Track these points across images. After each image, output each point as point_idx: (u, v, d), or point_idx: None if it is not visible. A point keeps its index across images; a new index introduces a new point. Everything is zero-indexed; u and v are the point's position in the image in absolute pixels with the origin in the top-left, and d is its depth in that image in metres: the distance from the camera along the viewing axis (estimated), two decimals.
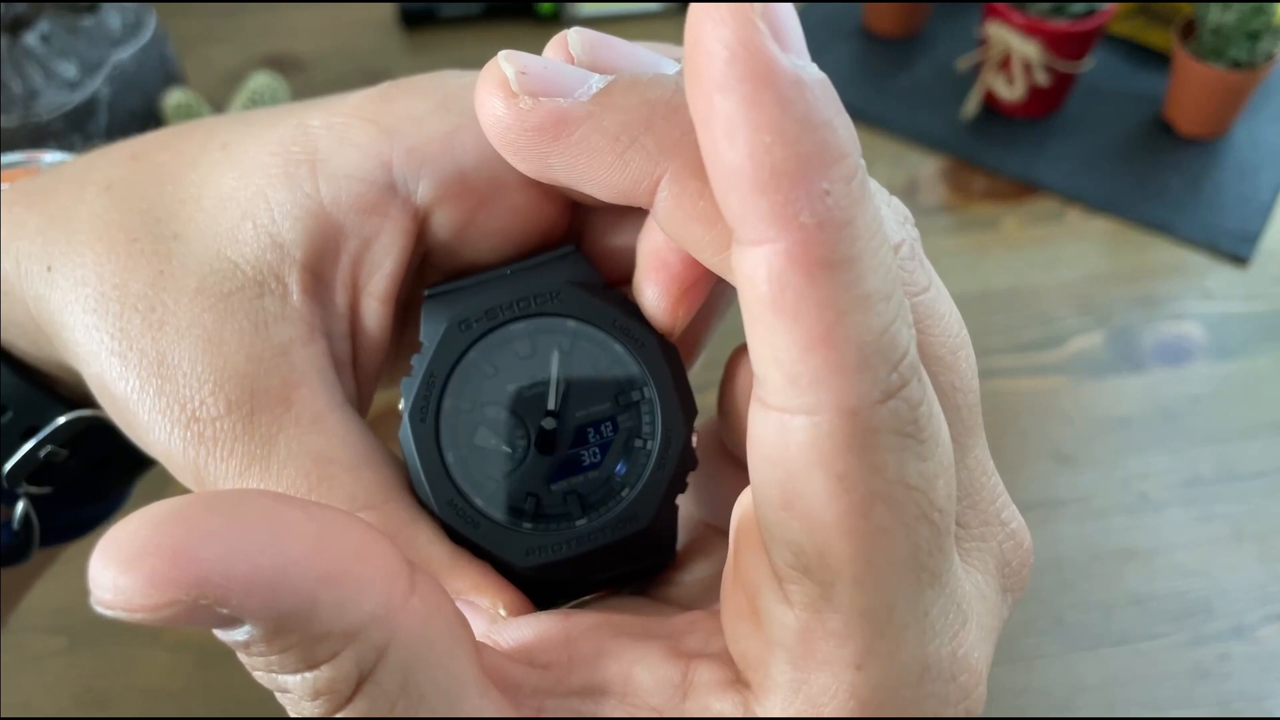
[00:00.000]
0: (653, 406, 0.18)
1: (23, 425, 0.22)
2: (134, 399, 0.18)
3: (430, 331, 0.18)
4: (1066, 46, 0.64)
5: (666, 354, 0.17)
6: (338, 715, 0.14)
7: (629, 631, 0.16)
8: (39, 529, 0.24)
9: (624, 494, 0.17)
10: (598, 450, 0.17)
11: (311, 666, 0.13)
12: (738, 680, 0.15)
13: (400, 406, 0.17)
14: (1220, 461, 0.51)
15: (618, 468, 0.18)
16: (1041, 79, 0.64)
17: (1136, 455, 0.52)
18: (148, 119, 0.58)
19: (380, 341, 0.19)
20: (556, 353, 0.18)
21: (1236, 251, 0.60)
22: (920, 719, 0.14)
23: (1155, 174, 0.65)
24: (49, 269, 0.19)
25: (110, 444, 0.23)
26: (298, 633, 0.13)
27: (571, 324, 0.17)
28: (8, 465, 0.22)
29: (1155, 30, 0.72)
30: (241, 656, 0.14)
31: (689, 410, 0.18)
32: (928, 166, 0.67)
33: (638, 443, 0.18)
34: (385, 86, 0.19)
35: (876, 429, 0.13)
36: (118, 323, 0.18)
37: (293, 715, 0.14)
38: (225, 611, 0.12)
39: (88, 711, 0.45)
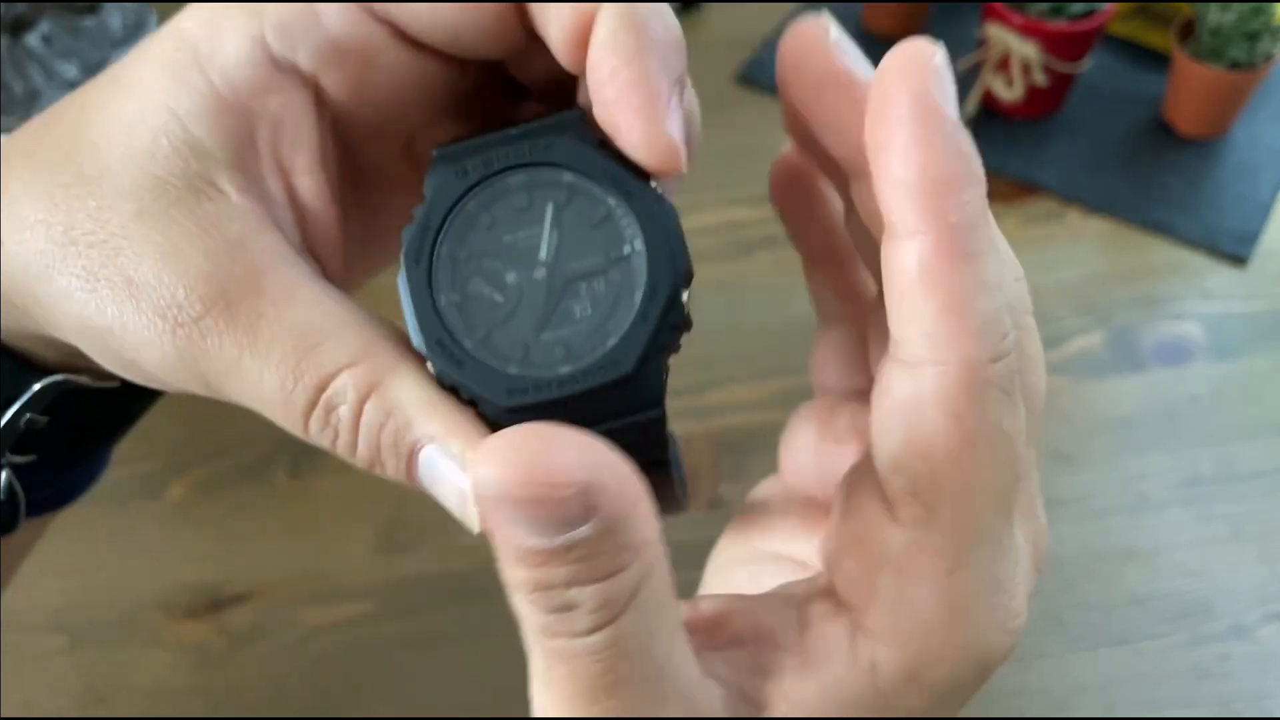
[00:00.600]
0: (641, 259, 0.18)
1: (0, 397, 0.22)
2: (118, 325, 0.18)
3: (430, 182, 0.18)
4: (1065, 47, 0.64)
5: (660, 209, 0.18)
6: (606, 628, 0.16)
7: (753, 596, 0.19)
8: (24, 499, 0.24)
9: (608, 343, 0.18)
10: (588, 303, 0.18)
11: (610, 574, 0.15)
12: (841, 607, 0.18)
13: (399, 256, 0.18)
14: (1220, 461, 0.51)
15: (607, 320, 0.18)
16: (1040, 79, 0.64)
17: (1136, 455, 0.52)
18: None
19: (328, 215, 0.20)
20: (551, 206, 0.18)
21: (1236, 251, 0.60)
22: (988, 626, 0.17)
23: (1155, 174, 0.65)
24: (2, 248, 0.19)
25: (88, 408, 0.24)
26: (618, 536, 0.15)
27: (567, 176, 0.18)
28: None
29: (1154, 31, 0.72)
30: (535, 573, 0.16)
31: (678, 265, 0.18)
32: None
33: (626, 295, 0.18)
34: None
35: (988, 381, 0.16)
36: (80, 263, 0.19)
37: (563, 633, 0.16)
38: (587, 507, 0.15)
39: (88, 711, 0.45)
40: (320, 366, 0.18)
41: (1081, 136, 0.67)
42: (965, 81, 0.70)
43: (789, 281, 0.61)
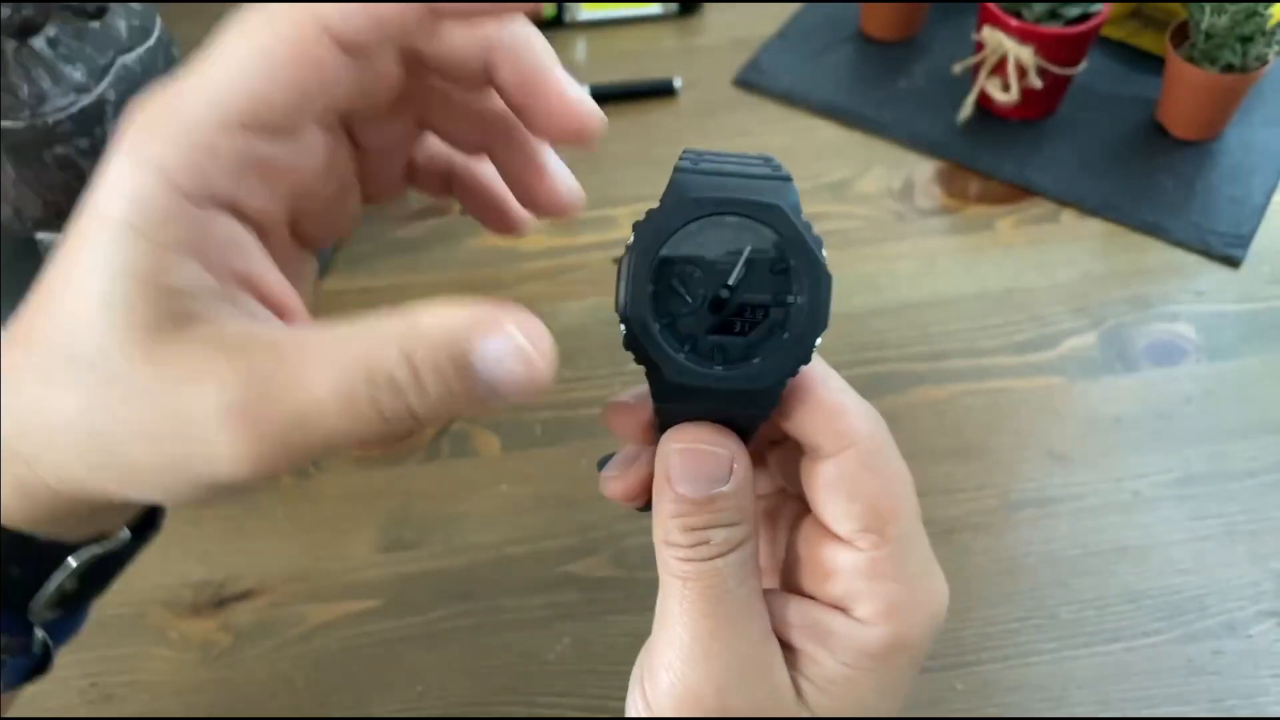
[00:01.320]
0: (800, 310, 0.23)
1: (36, 573, 0.25)
2: (198, 440, 0.20)
3: (672, 196, 0.23)
4: (1061, 50, 0.64)
5: (822, 280, 0.24)
6: (722, 558, 0.24)
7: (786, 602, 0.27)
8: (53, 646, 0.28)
9: (755, 361, 0.24)
10: (749, 325, 0.24)
11: (732, 524, 0.24)
12: (833, 609, 0.25)
13: (628, 241, 0.23)
14: (1213, 460, 0.52)
15: (760, 343, 0.24)
16: (1036, 82, 0.65)
17: (1130, 454, 0.52)
18: None
19: (284, 286, 0.23)
20: (750, 248, 0.23)
21: (1229, 253, 0.61)
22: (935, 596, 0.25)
23: (1149, 176, 0.65)
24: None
25: (106, 570, 0.27)
26: (740, 498, 0.24)
27: (768, 233, 0.23)
28: (36, 603, 0.26)
29: (1149, 34, 0.73)
30: (687, 520, 0.24)
31: (821, 322, 0.24)
32: (924, 169, 0.67)
33: (779, 330, 0.24)
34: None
35: (882, 443, 0.25)
36: (118, 414, 0.20)
37: (696, 558, 0.24)
38: (729, 469, 0.24)
39: (93, 708, 0.45)
40: (367, 357, 0.20)
41: (1077, 139, 0.68)
42: (962, 84, 0.70)
43: None
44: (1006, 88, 0.66)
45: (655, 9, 0.79)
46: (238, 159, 0.21)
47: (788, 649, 0.25)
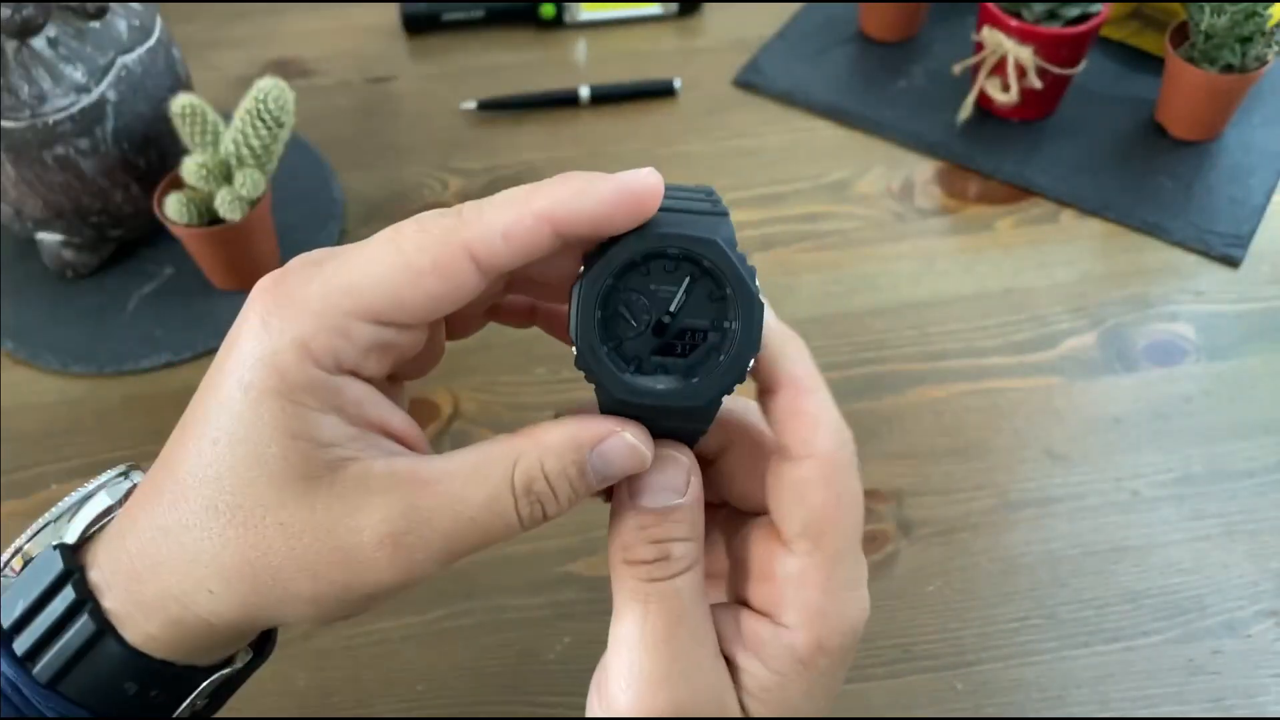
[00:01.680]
0: (735, 334, 0.25)
1: (173, 694, 0.27)
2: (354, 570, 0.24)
3: (624, 236, 0.25)
4: (1060, 51, 0.64)
5: (755, 307, 0.25)
6: (683, 575, 0.26)
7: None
8: None
9: (694, 380, 0.25)
10: (689, 347, 0.26)
11: (690, 538, 0.26)
12: (759, 614, 0.27)
13: (580, 270, 0.25)
14: (1211, 460, 0.52)
15: (699, 364, 0.26)
16: (1036, 83, 0.65)
17: (1129, 454, 0.52)
18: (156, 123, 0.58)
19: (407, 421, 0.26)
20: (689, 278, 0.25)
21: (1228, 253, 0.61)
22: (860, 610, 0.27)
23: (1148, 177, 0.65)
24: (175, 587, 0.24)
25: (229, 687, 0.29)
26: (696, 511, 0.26)
27: (707, 263, 0.25)
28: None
29: (1148, 35, 0.73)
30: (649, 532, 0.26)
31: (754, 345, 0.25)
32: (923, 169, 0.67)
33: (717, 353, 0.26)
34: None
35: (843, 462, 0.26)
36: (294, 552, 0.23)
37: (660, 576, 0.26)
38: (686, 480, 0.26)
39: None
40: (510, 475, 0.24)
41: (1076, 139, 0.68)
42: (961, 84, 0.70)
43: (786, 282, 0.62)
44: (1006, 88, 0.66)
45: (655, 9, 0.79)
46: (367, 342, 0.24)
47: (729, 663, 0.27)
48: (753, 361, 0.26)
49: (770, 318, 0.25)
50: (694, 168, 0.67)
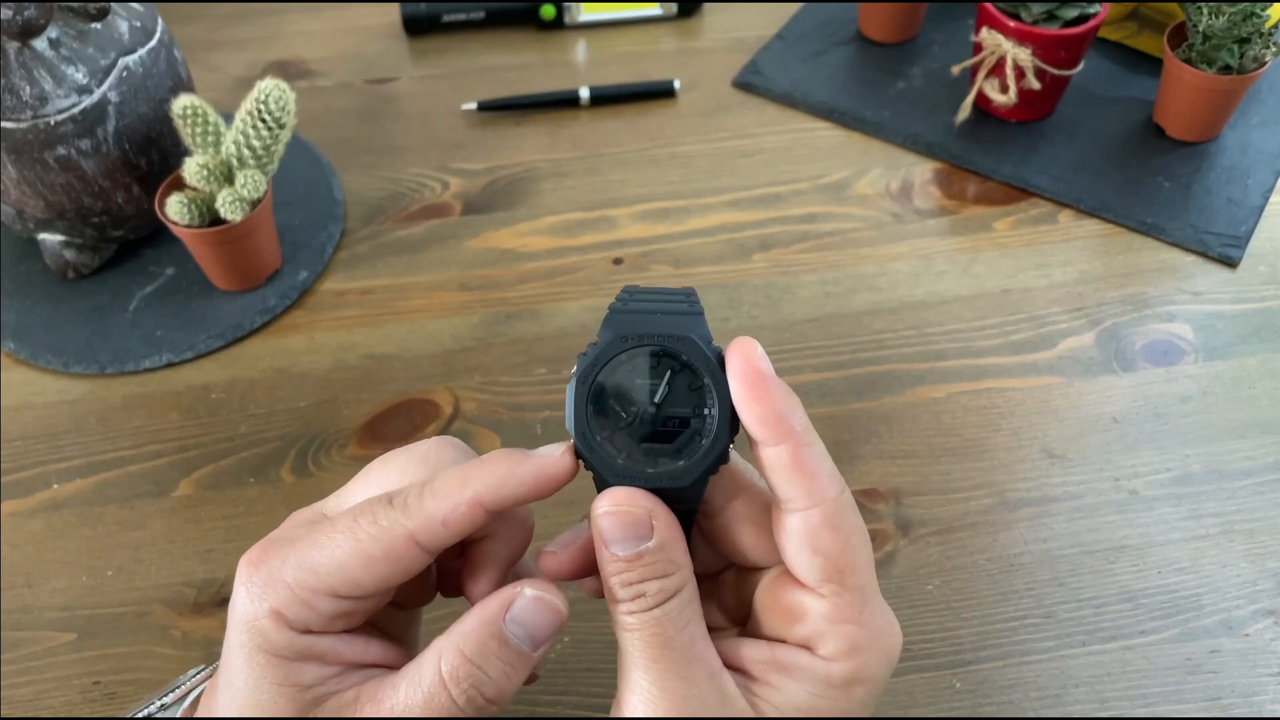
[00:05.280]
0: (714, 421, 0.29)
1: None
2: None
3: (604, 335, 0.29)
4: (1059, 52, 0.64)
5: (728, 396, 0.28)
6: (660, 607, 0.28)
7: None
8: None
9: (680, 463, 0.29)
10: (674, 434, 0.29)
11: (663, 575, 0.28)
12: (797, 648, 0.29)
13: (573, 369, 0.29)
14: (1209, 460, 0.52)
15: (684, 449, 0.29)
16: (1034, 84, 0.65)
17: (1127, 453, 0.52)
18: (157, 123, 0.58)
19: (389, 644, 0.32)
20: (669, 372, 0.29)
21: (1226, 254, 0.61)
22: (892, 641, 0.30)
23: (1146, 177, 0.65)
24: None
25: None
26: (667, 551, 0.28)
27: (685, 357, 0.29)
28: None
29: (1146, 36, 0.73)
30: (623, 576, 0.28)
31: (733, 429, 0.29)
32: (922, 170, 0.67)
33: (698, 437, 0.29)
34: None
35: (844, 504, 0.28)
36: None
37: (637, 610, 0.28)
38: (649, 525, 0.28)
39: (95, 706, 0.45)
40: (450, 658, 0.28)
41: (1074, 140, 0.68)
42: (960, 85, 0.70)
43: (786, 282, 0.62)
44: (1004, 89, 0.66)
45: (655, 11, 0.79)
46: (331, 612, 0.29)
47: (750, 680, 0.29)
48: (732, 444, 0.29)
49: (766, 369, 0.28)
50: (693, 168, 0.67)
